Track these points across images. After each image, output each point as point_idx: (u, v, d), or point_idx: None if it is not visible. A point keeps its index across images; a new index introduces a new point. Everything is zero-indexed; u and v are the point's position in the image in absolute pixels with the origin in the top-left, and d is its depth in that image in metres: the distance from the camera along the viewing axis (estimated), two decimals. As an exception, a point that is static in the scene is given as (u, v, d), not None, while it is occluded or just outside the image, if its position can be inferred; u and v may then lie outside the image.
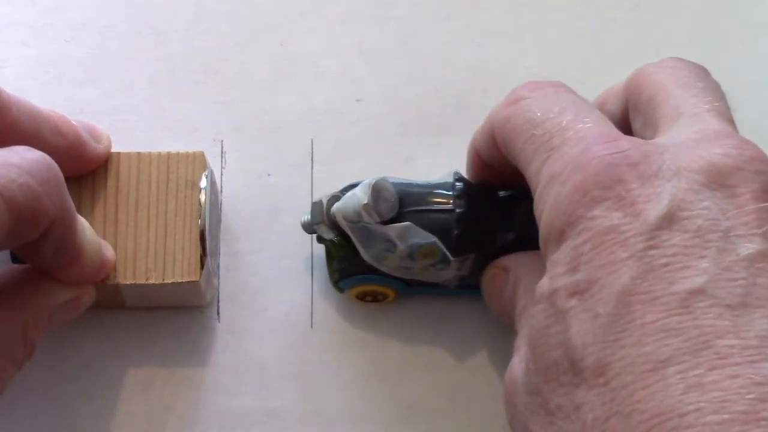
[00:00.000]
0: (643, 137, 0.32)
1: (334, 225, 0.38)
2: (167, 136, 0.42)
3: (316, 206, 0.38)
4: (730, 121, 0.31)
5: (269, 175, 0.42)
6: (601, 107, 0.35)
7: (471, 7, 0.46)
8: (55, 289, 0.34)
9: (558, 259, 0.29)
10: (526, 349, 0.30)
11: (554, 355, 0.28)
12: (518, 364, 0.30)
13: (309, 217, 0.38)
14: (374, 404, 0.39)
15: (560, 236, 0.29)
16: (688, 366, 0.25)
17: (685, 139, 0.30)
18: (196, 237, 0.37)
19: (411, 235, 0.36)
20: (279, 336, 0.40)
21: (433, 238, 0.36)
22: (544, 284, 0.29)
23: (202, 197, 0.38)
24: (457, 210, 0.37)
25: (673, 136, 0.30)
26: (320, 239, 0.39)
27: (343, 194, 0.37)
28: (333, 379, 0.39)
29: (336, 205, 0.37)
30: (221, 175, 0.42)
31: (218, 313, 0.40)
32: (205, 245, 0.37)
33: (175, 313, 0.39)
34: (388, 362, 0.39)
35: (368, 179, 0.36)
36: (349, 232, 0.37)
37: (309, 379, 0.39)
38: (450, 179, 0.38)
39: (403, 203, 0.37)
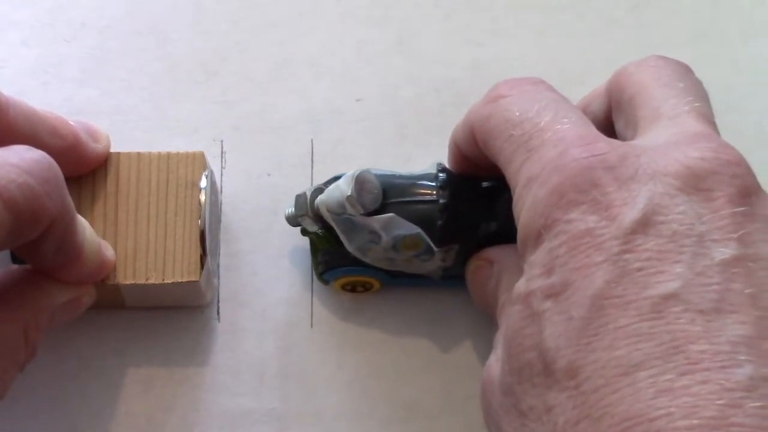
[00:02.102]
0: (625, 137, 0.32)
1: (318, 217, 0.38)
2: (167, 136, 0.42)
3: (299, 198, 0.38)
4: (710, 122, 0.31)
5: (269, 175, 0.42)
6: (585, 108, 0.35)
7: (471, 7, 0.46)
8: (55, 289, 0.34)
9: (535, 261, 0.29)
10: (502, 350, 0.30)
11: (528, 356, 0.28)
12: (495, 362, 0.30)
13: (293, 209, 0.38)
14: (373, 404, 0.39)
15: (537, 238, 0.29)
16: (658, 371, 0.25)
17: (663, 141, 0.30)
18: (196, 237, 0.37)
19: (395, 226, 0.36)
20: (279, 336, 0.40)
21: (417, 229, 0.36)
22: (521, 285, 0.29)
23: (202, 197, 0.38)
24: (441, 201, 0.37)
25: (652, 138, 0.30)
26: (304, 232, 0.39)
27: (327, 186, 0.37)
28: (333, 379, 0.39)
29: (320, 198, 0.37)
30: (221, 175, 0.42)
31: (218, 313, 0.40)
32: (205, 245, 0.37)
33: (175, 313, 0.39)
34: (387, 362, 0.39)
35: (351, 171, 0.36)
36: (333, 224, 0.37)
37: (309, 379, 0.39)
38: (433, 170, 0.38)
39: (387, 194, 0.37)
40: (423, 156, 0.42)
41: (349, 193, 0.36)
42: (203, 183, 0.38)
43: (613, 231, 0.27)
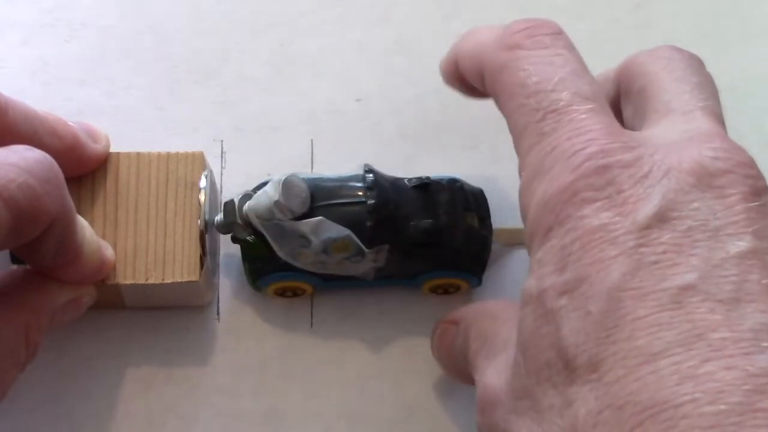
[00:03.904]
0: (632, 127, 0.32)
1: (247, 224, 0.37)
2: (167, 136, 0.42)
3: (228, 205, 0.38)
4: (721, 122, 0.31)
5: (269, 175, 0.42)
6: None
7: (471, 7, 0.46)
8: (56, 289, 0.34)
9: (545, 258, 0.28)
10: (515, 354, 0.29)
11: (547, 356, 0.27)
12: (494, 377, 0.30)
13: (222, 217, 0.38)
14: (374, 404, 0.39)
15: (546, 234, 0.28)
16: (681, 358, 0.25)
17: (677, 138, 0.29)
18: (195, 237, 0.37)
19: (324, 229, 0.36)
20: (279, 336, 0.40)
21: (347, 232, 0.36)
22: (532, 285, 0.29)
23: (202, 197, 0.38)
24: (369, 201, 0.37)
25: (664, 134, 0.30)
26: (235, 239, 0.38)
27: (255, 192, 0.37)
28: (333, 379, 0.39)
29: (248, 204, 0.37)
30: (221, 175, 0.42)
31: (218, 313, 0.40)
32: (205, 245, 0.37)
33: (175, 313, 0.39)
34: (388, 362, 0.39)
35: (278, 176, 0.36)
36: (262, 230, 0.37)
37: (309, 379, 0.39)
38: (360, 171, 0.38)
39: (315, 198, 0.37)
40: (423, 156, 0.42)
41: (276, 198, 0.36)
42: (203, 183, 0.38)
43: (627, 226, 0.27)
